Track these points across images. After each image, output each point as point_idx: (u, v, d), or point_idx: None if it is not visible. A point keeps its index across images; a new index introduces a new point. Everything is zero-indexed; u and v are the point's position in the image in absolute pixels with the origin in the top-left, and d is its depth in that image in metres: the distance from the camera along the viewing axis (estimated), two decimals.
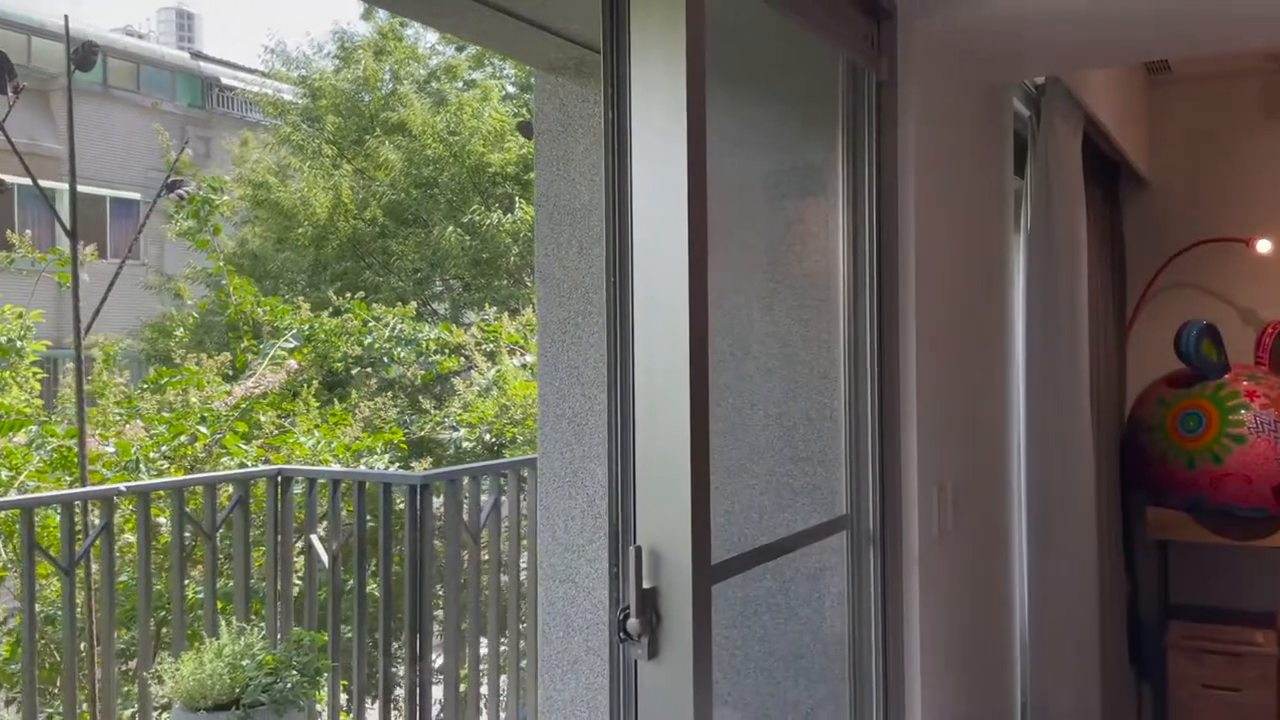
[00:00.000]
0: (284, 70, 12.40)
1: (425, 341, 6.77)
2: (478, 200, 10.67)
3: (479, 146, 10.70)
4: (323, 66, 12.04)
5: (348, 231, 10.85)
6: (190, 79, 21.10)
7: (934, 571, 2.32)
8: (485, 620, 3.68)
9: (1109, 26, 2.29)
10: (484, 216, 10.37)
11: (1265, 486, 3.78)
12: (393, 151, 10.87)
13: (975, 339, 2.64)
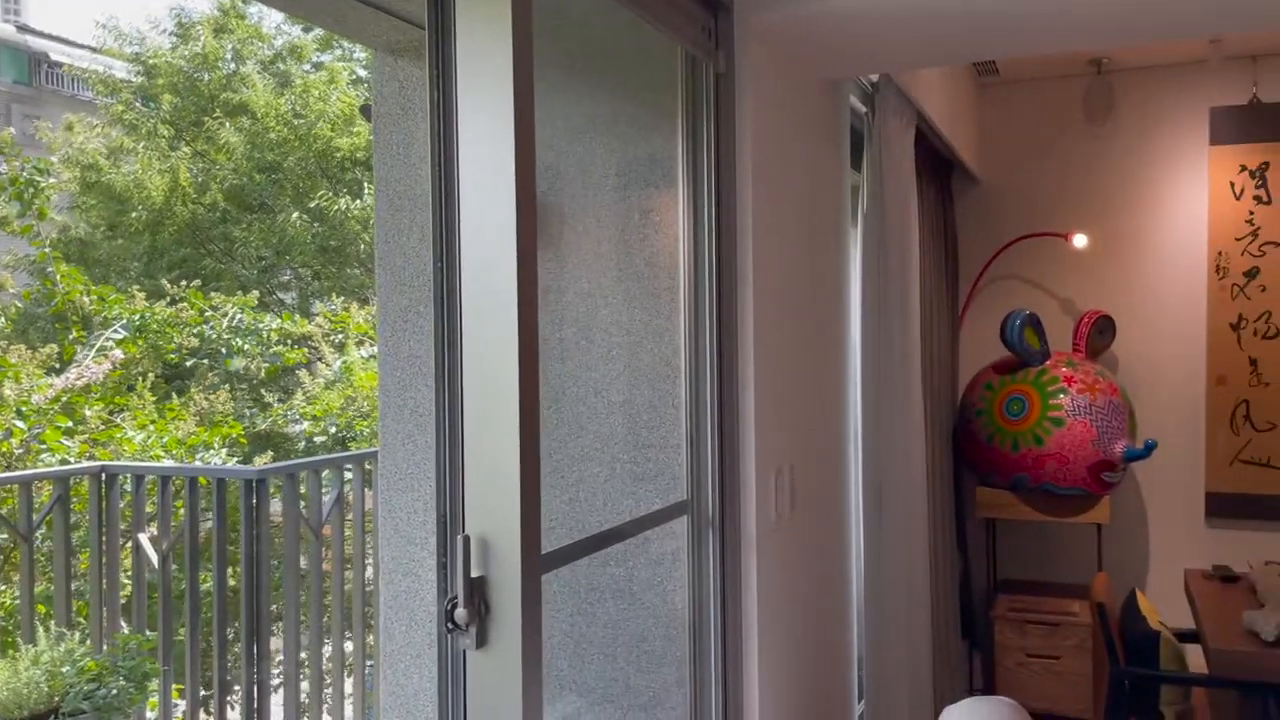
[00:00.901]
0: (118, 47, 11.68)
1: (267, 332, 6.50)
2: (326, 186, 10.33)
3: (326, 130, 10.35)
4: (159, 43, 11.41)
5: (186, 217, 10.33)
6: (16, 54, 19.65)
7: (772, 553, 2.37)
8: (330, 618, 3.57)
9: (937, 27, 2.38)
10: (332, 203, 10.05)
11: (1081, 466, 4.04)
12: (234, 134, 10.40)
13: (813, 327, 2.72)
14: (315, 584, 3.41)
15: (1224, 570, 3.40)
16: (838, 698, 2.89)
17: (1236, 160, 4.36)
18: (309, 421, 6.03)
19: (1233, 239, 4.37)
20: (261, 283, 10.01)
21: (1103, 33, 2.49)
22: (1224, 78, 4.40)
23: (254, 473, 3.26)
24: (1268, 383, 4.32)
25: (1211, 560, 4.42)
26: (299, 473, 3.39)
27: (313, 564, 3.44)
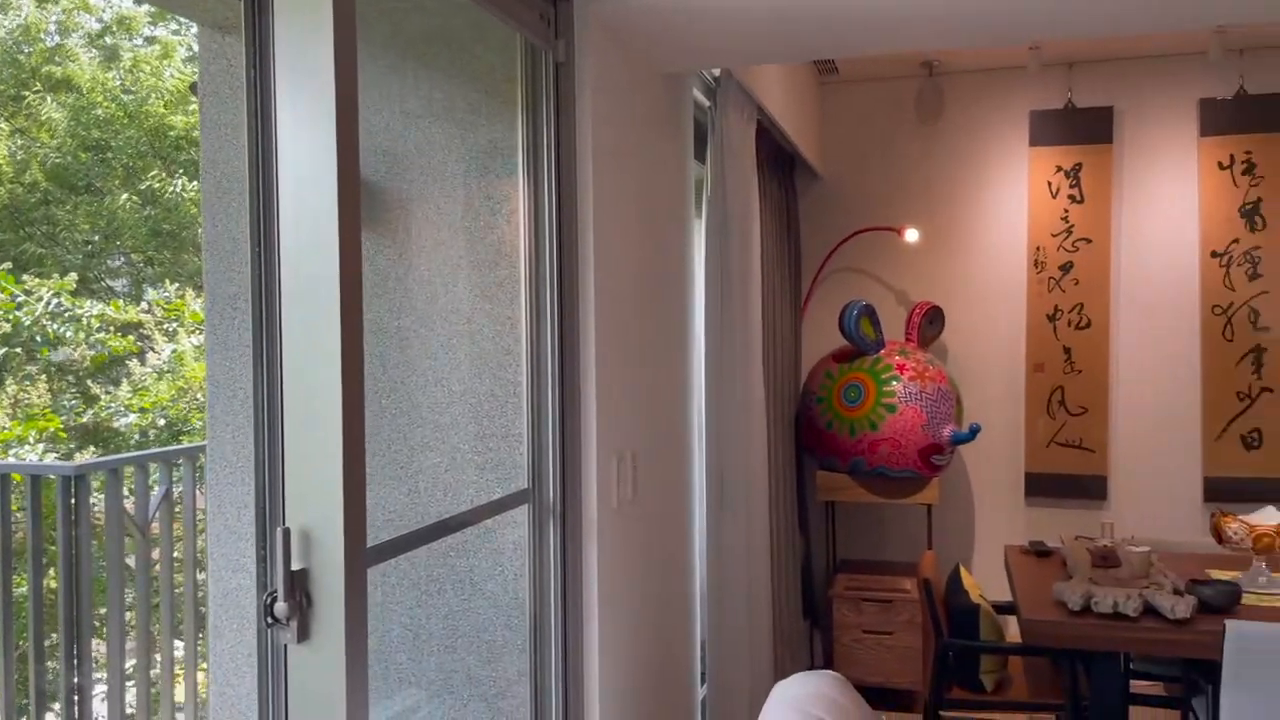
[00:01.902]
0: None
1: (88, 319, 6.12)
2: (159, 166, 9.79)
3: (159, 108, 9.81)
4: None
5: (2, 197, 9.61)
6: None
7: (613, 540, 2.40)
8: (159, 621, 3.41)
9: (771, 24, 2.45)
10: (166, 184, 9.53)
11: (912, 450, 4.24)
12: (57, 110, 9.74)
13: (656, 316, 2.76)
14: (141, 585, 3.24)
15: (1039, 545, 3.63)
16: (680, 682, 2.95)
17: (1053, 161, 4.65)
18: (136, 414, 5.71)
19: (1049, 235, 4.66)
20: (90, 268, 9.42)
21: (930, 35, 2.60)
22: (1042, 83, 4.68)
23: (72, 469, 3.07)
24: (1080, 370, 4.63)
25: (1030, 536, 4.73)
26: (123, 468, 3.22)
27: (139, 564, 3.28)
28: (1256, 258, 4.42)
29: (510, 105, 2.28)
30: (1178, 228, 4.54)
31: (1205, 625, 2.72)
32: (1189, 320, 4.52)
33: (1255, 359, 4.41)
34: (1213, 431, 4.46)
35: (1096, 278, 4.61)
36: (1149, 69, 4.56)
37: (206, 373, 2.53)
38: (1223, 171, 4.44)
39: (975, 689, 3.25)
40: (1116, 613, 2.81)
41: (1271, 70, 4.42)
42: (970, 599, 3.28)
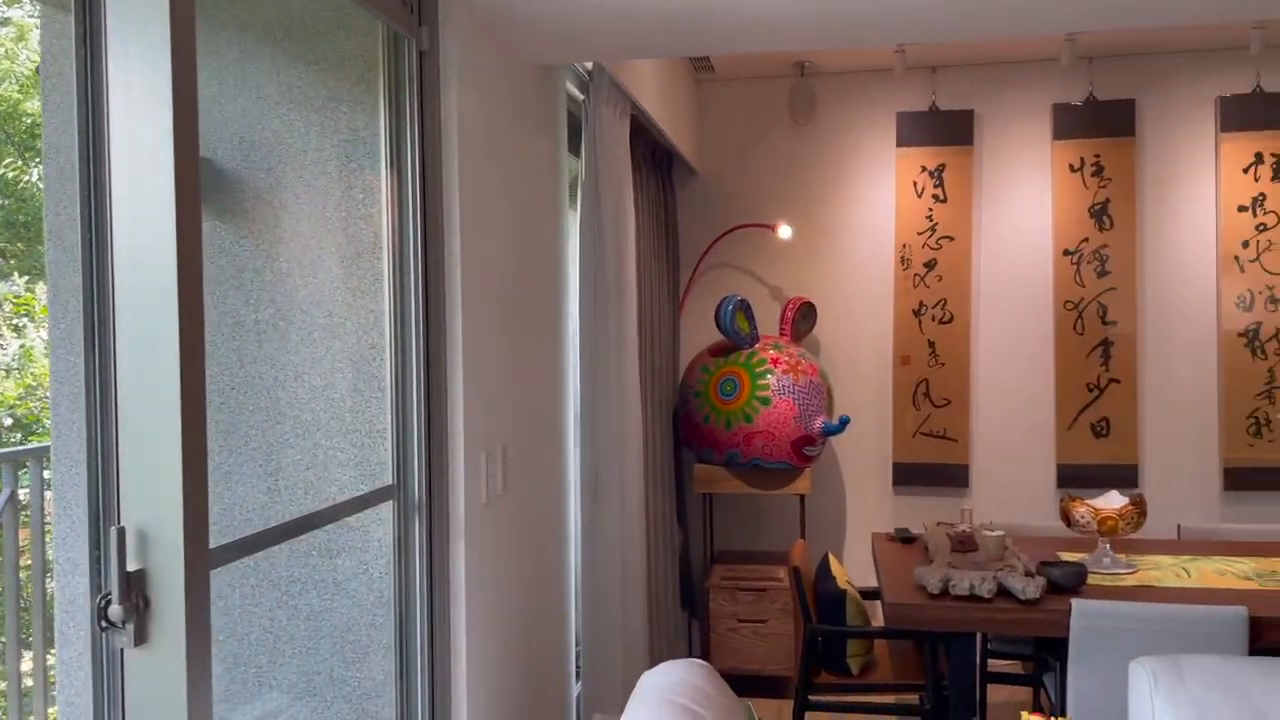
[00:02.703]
0: None
1: None
2: (13, 153, 9.26)
3: (13, 92, 9.27)
4: None
5: None
6: None
7: (482, 536, 2.38)
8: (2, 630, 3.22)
9: (643, 19, 2.46)
10: (21, 172, 9.02)
11: (786, 442, 4.34)
12: None
13: (529, 310, 2.75)
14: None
15: (903, 532, 3.76)
16: (554, 678, 2.95)
17: (919, 161, 4.81)
18: None
19: (915, 233, 4.83)
20: None
21: (800, 34, 2.65)
22: (908, 86, 4.84)
23: None
24: (944, 363, 4.81)
25: (898, 524, 4.89)
26: None
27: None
28: (1105, 256, 4.67)
29: (373, 93, 2.24)
30: (1033, 227, 4.76)
31: (1053, 605, 2.86)
32: (1044, 315, 4.75)
33: (1104, 352, 4.66)
34: (1065, 421, 4.70)
35: (959, 274, 4.79)
36: (1007, 74, 4.77)
37: (50, 368, 2.40)
38: (1074, 173, 4.68)
39: (842, 672, 3.34)
40: (972, 595, 2.93)
41: (1119, 77, 4.67)
42: (837, 585, 3.38)
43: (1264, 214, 4.52)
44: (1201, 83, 4.61)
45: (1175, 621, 2.69)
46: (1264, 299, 4.53)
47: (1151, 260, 4.66)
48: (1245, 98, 4.53)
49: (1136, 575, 3.15)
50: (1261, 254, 4.53)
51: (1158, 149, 4.66)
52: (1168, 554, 3.45)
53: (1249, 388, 4.53)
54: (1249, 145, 4.52)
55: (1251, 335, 4.54)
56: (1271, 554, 3.43)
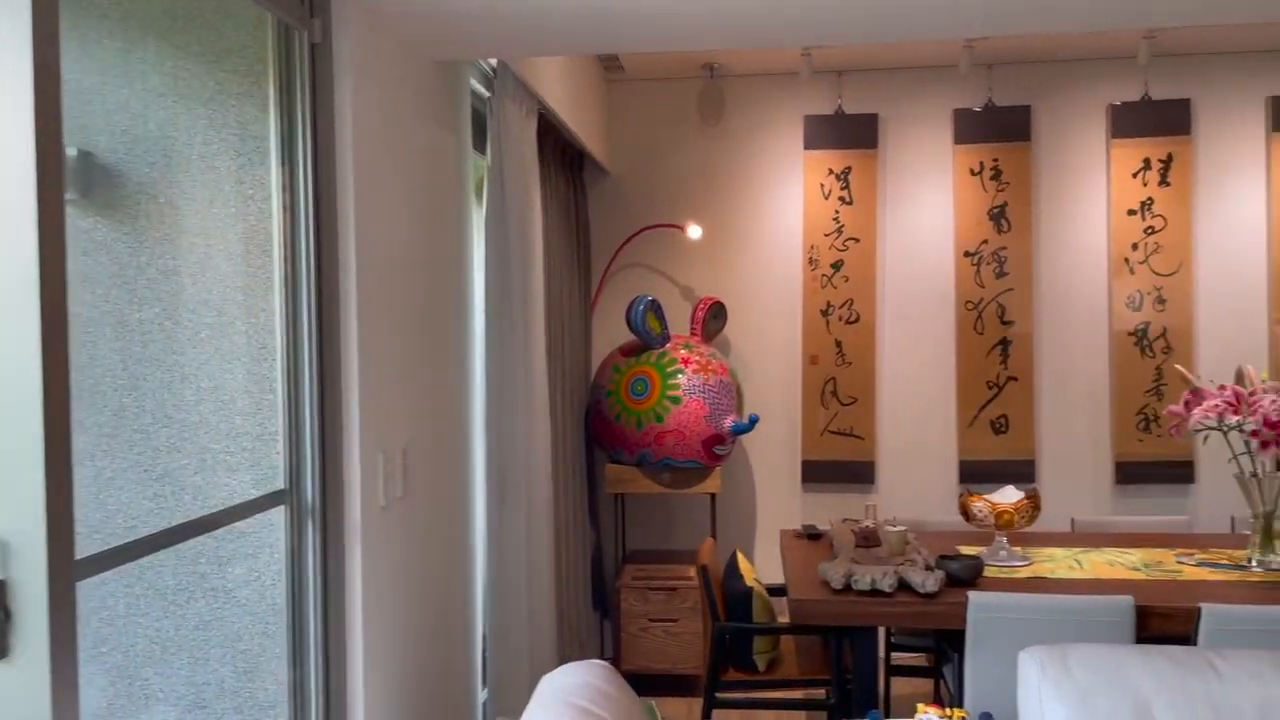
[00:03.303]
0: None
1: None
2: None
3: None
4: None
5: None
6: None
7: (380, 540, 2.33)
8: None
9: (544, 16, 2.44)
10: None
11: (696, 441, 4.36)
12: None
13: (431, 308, 2.70)
14: None
15: (810, 529, 3.80)
16: (459, 684, 2.91)
17: (825, 164, 4.89)
18: None
19: (822, 234, 4.90)
20: None
21: (704, 34, 2.65)
22: (814, 89, 4.91)
23: None
24: (851, 362, 4.89)
25: (808, 521, 4.95)
26: None
27: None
28: (1003, 257, 4.80)
29: (263, 87, 2.17)
30: (935, 229, 4.87)
31: (951, 597, 2.93)
32: (946, 315, 4.86)
33: (1003, 350, 4.79)
34: (966, 418, 4.82)
35: (864, 275, 4.88)
36: (910, 80, 4.87)
37: None
38: (974, 177, 4.80)
39: (750, 669, 3.37)
40: (874, 589, 2.98)
41: (1016, 83, 4.81)
42: (745, 583, 3.40)
43: (1152, 217, 4.70)
44: (1093, 90, 4.77)
45: (1066, 612, 2.77)
46: (1152, 299, 4.71)
47: (1047, 262, 4.81)
48: (1134, 105, 4.70)
49: (1031, 567, 3.24)
50: (1150, 256, 4.71)
51: (1053, 154, 4.81)
52: (1061, 546, 3.55)
53: (1138, 385, 4.71)
54: (1138, 151, 4.70)
55: (1141, 334, 4.72)
56: (1158, 545, 3.56)
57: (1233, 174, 4.70)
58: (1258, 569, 3.17)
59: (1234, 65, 4.69)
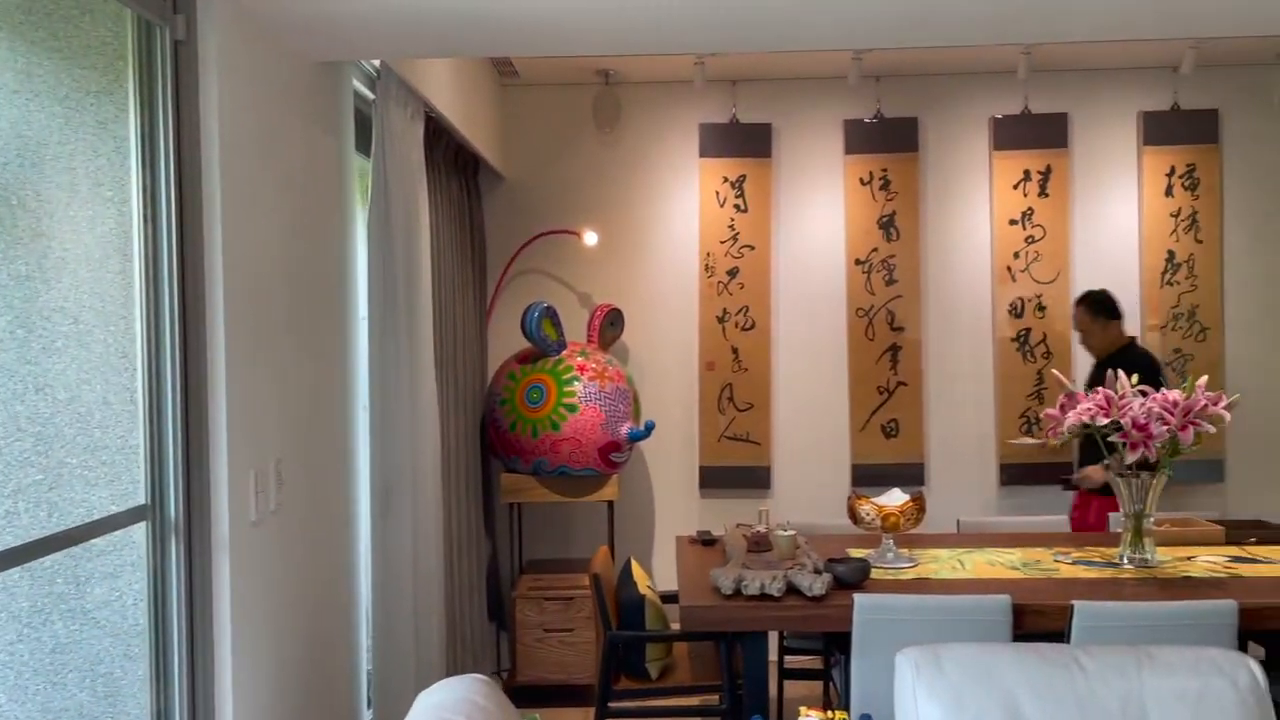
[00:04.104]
0: None
1: None
2: None
3: None
4: None
5: None
6: None
7: (251, 557, 2.25)
8: None
9: (421, 18, 2.39)
10: None
11: (593, 449, 4.34)
12: None
13: (309, 315, 2.62)
14: None
15: (705, 535, 3.82)
16: (341, 705, 2.83)
17: (720, 172, 4.93)
18: None
19: (718, 242, 4.94)
20: None
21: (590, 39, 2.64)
22: (709, 97, 4.95)
23: None
24: (747, 369, 4.94)
25: (707, 527, 4.97)
26: None
27: None
28: (892, 265, 4.91)
29: (123, 85, 2.08)
30: (827, 237, 4.95)
31: (838, 600, 2.96)
32: (838, 322, 4.95)
33: (892, 356, 4.90)
34: (859, 422, 4.91)
35: (760, 282, 4.93)
36: (802, 90, 4.95)
37: None
38: (864, 187, 4.90)
39: (642, 677, 3.36)
40: (763, 594, 3.00)
41: (904, 96, 4.92)
42: (638, 591, 3.39)
43: (1032, 227, 4.87)
44: (977, 103, 4.92)
45: (948, 611, 2.84)
46: (1033, 306, 4.87)
47: (934, 270, 4.94)
48: (1015, 118, 4.87)
49: (917, 569, 3.31)
50: (1030, 264, 4.87)
51: (939, 165, 4.94)
52: (946, 547, 3.64)
53: (1021, 389, 4.87)
54: (1019, 163, 4.86)
55: (1022, 340, 4.88)
56: (1037, 544, 3.67)
57: (1107, 185, 4.90)
58: (1129, 566, 3.29)
59: (1108, 81, 4.89)
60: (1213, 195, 4.84)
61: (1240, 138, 4.87)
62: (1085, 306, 4.29)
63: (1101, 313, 4.25)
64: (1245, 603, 2.82)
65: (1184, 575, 3.17)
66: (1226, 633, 2.74)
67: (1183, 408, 3.17)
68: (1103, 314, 4.25)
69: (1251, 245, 4.89)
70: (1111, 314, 4.25)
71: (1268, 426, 4.90)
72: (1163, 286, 4.86)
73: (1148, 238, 4.85)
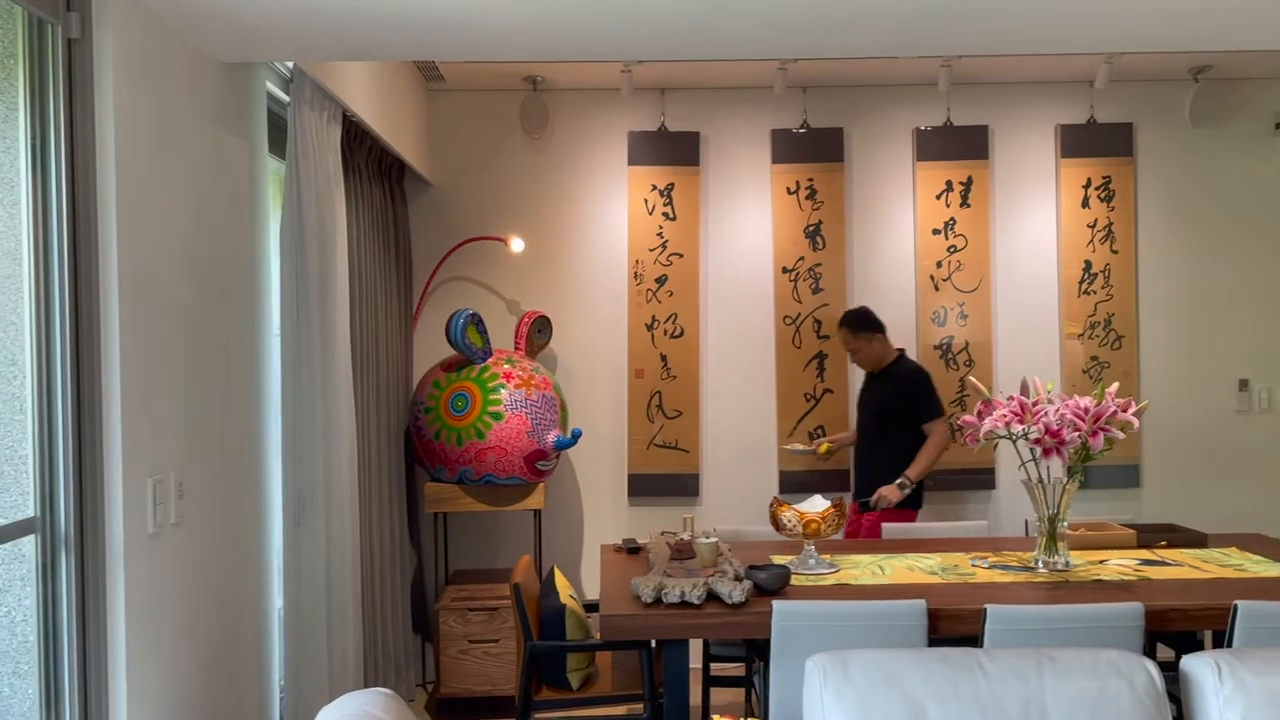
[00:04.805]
0: None
1: None
2: None
3: None
4: None
5: None
6: None
7: (149, 571, 2.18)
8: None
9: (336, 21, 2.35)
10: None
11: (518, 457, 4.30)
12: None
13: (215, 323, 2.56)
14: None
15: (630, 543, 3.80)
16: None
17: (649, 180, 4.93)
18: None
19: (647, 249, 4.94)
20: None
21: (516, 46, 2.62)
22: (638, 105, 4.95)
23: None
24: (676, 376, 4.95)
25: (635, 535, 4.96)
26: None
27: None
28: (819, 274, 4.95)
29: (13, 84, 2.01)
30: (755, 246, 4.98)
31: (758, 607, 2.96)
32: (766, 329, 4.97)
33: (819, 364, 4.94)
34: (786, 429, 4.94)
35: (688, 290, 4.94)
36: (730, 99, 4.97)
37: None
38: (790, 196, 4.94)
39: (563, 688, 3.33)
40: (684, 602, 2.99)
41: (830, 106, 4.98)
42: (559, 600, 3.37)
43: (954, 237, 4.95)
44: (901, 115, 5.00)
45: (864, 617, 2.85)
46: (955, 315, 4.95)
47: (859, 278, 5.00)
48: (938, 130, 4.95)
49: (837, 574, 3.33)
50: (953, 274, 4.95)
51: (864, 175, 5.00)
52: (869, 553, 3.67)
53: (945, 396, 4.93)
54: (941, 174, 4.94)
55: (945, 347, 4.96)
56: (957, 549, 3.72)
57: (1026, 196, 5.00)
58: (1043, 570, 3.35)
59: (1027, 94, 5.00)
60: (1127, 207, 4.97)
61: (1154, 151, 5.01)
62: (847, 327, 4.43)
63: (863, 329, 4.38)
64: (1151, 605, 2.88)
65: (1095, 579, 3.24)
66: (1133, 635, 2.80)
67: (1093, 414, 3.24)
68: (864, 330, 4.38)
69: (1164, 255, 5.03)
70: (873, 329, 4.39)
71: (1181, 432, 5.03)
72: (1080, 295, 4.97)
73: (1065, 248, 4.96)
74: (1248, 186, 5.02)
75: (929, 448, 4.27)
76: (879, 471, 4.32)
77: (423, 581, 4.74)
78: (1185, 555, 3.56)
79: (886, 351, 4.42)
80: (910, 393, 4.33)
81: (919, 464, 4.24)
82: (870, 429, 4.45)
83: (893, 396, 4.36)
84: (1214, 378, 5.04)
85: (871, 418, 4.45)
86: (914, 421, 4.31)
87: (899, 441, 4.32)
